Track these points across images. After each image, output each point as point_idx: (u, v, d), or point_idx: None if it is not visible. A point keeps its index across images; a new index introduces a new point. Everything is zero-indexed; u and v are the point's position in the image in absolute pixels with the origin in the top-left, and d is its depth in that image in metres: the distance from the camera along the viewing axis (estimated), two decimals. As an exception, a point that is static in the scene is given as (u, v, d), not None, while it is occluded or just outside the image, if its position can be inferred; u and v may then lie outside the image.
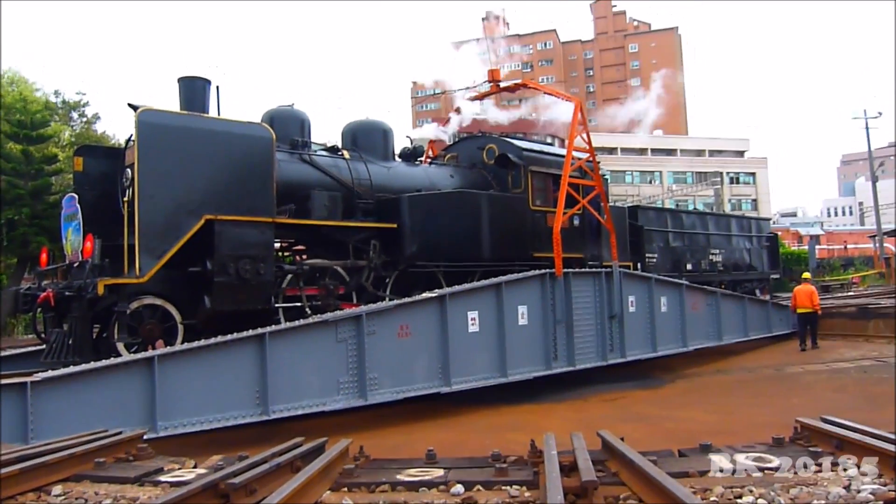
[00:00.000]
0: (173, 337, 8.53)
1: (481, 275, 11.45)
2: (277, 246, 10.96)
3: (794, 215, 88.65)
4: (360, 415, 9.28)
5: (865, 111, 42.65)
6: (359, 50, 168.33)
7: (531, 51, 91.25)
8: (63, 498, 4.07)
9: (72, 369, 7.12)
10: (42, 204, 22.96)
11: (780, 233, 33.32)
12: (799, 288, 16.45)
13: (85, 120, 31.56)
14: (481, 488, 3.94)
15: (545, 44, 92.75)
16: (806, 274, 19.03)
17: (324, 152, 11.04)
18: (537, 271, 11.57)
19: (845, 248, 56.42)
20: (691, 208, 47.40)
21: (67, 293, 8.11)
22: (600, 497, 3.65)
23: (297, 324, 8.67)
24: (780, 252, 23.67)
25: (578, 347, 11.84)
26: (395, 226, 10.63)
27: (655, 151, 68.91)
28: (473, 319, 10.42)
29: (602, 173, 14.20)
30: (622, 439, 4.41)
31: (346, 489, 4.05)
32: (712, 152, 71.68)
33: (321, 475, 4.03)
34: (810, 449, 4.35)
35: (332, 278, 10.24)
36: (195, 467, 4.71)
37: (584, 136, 13.23)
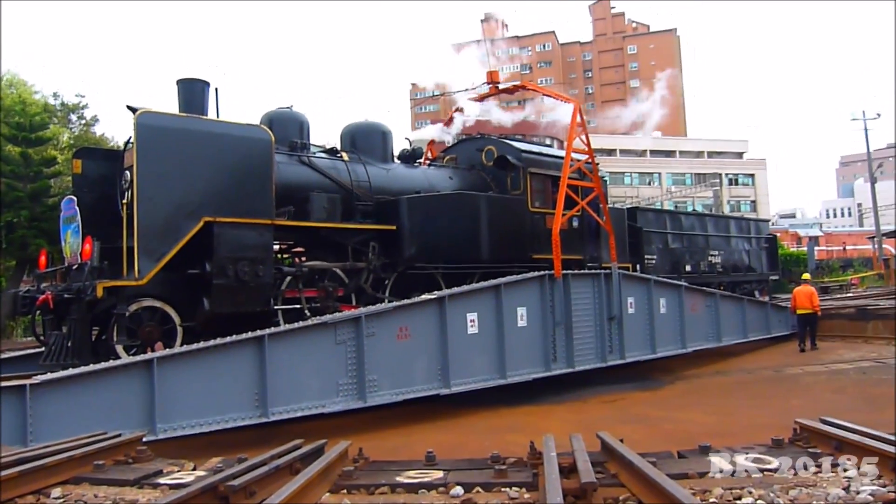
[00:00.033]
0: (172, 339, 8.53)
1: (480, 276, 11.46)
2: (276, 248, 10.96)
3: (793, 216, 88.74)
4: (360, 416, 9.28)
5: (864, 112, 42.79)
6: (358, 51, 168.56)
7: (530, 52, 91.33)
8: (62, 500, 4.06)
9: (71, 372, 7.12)
10: (41, 206, 22.91)
11: (778, 234, 33.40)
12: (799, 289, 16.46)
13: (84, 122, 31.51)
14: (481, 490, 3.95)
15: (544, 45, 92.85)
16: (806, 275, 19.06)
17: (323, 154, 11.04)
18: (536, 273, 11.58)
19: (844, 249, 56.51)
20: (690, 210, 47.46)
21: (66, 295, 8.11)
22: (599, 498, 3.65)
23: (296, 326, 8.67)
24: (778, 253, 23.70)
25: (578, 349, 11.84)
26: (395, 228, 10.64)
27: (654, 153, 68.99)
28: (473, 321, 10.43)
29: (601, 175, 14.21)
30: (621, 441, 4.41)
31: (345, 491, 4.06)
32: (711, 154, 71.77)
33: (320, 477, 4.03)
34: (809, 450, 4.35)
35: (331, 280, 10.25)
36: (194, 469, 4.71)
37: (583, 137, 13.24)
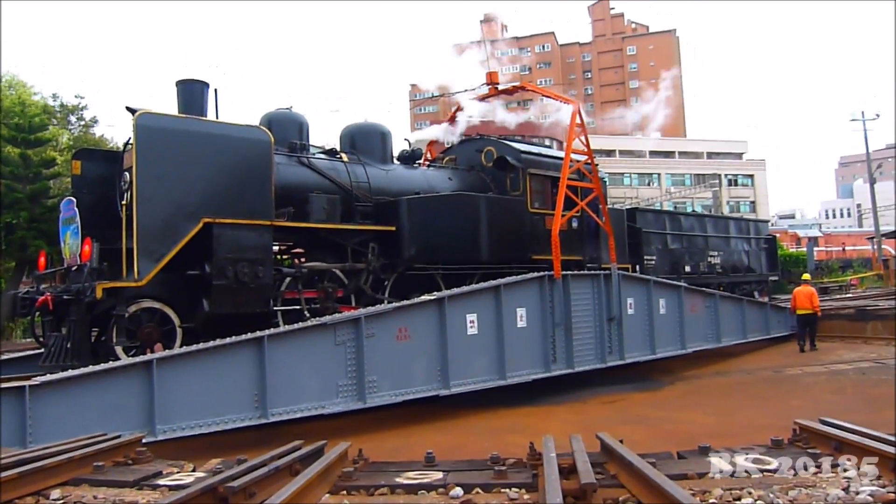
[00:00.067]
0: (172, 340, 8.53)
1: (480, 277, 11.46)
2: (276, 249, 10.96)
3: (793, 217, 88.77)
4: (359, 418, 9.27)
5: (863, 113, 42.81)
6: (357, 52, 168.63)
7: (529, 53, 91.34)
8: (62, 501, 4.06)
9: (70, 373, 7.12)
10: (40, 207, 22.90)
11: (778, 235, 33.39)
12: (799, 289, 16.49)
13: (83, 123, 31.54)
14: (480, 491, 3.95)
15: (543, 46, 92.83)
16: (806, 275, 19.06)
17: (322, 155, 11.05)
18: (536, 273, 11.58)
19: (843, 249, 56.50)
20: (690, 210, 47.49)
21: (66, 297, 8.10)
22: (599, 499, 3.65)
23: (295, 327, 8.67)
24: (778, 254, 23.70)
25: (577, 350, 11.84)
26: (394, 229, 10.64)
27: (654, 154, 69.01)
28: (472, 322, 10.43)
29: (600, 176, 14.21)
30: (621, 441, 4.41)
31: (345, 492, 4.06)
32: (710, 154, 71.79)
33: (320, 478, 4.03)
34: (809, 451, 4.35)
35: (330, 281, 10.25)
36: (194, 471, 4.71)
37: (583, 138, 13.24)
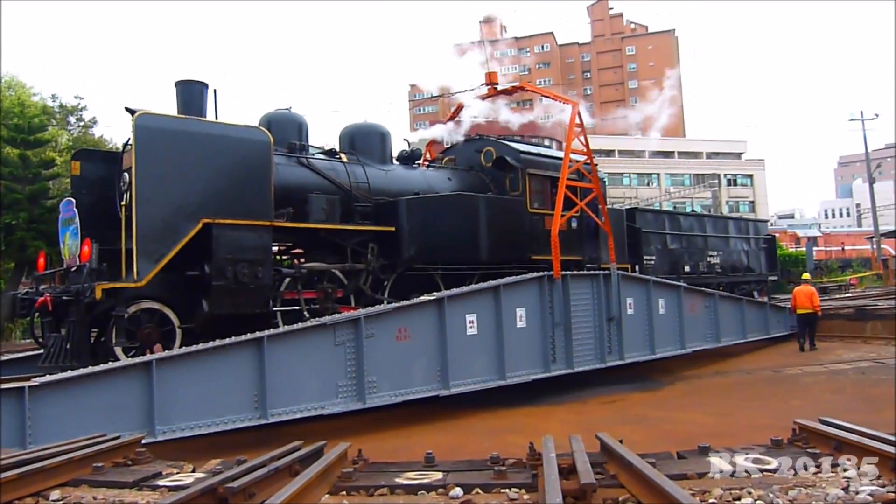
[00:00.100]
0: (171, 341, 8.53)
1: (479, 277, 11.46)
2: (275, 249, 10.96)
3: (792, 217, 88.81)
4: (359, 418, 9.27)
5: (862, 113, 42.81)
6: (356, 52, 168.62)
7: (528, 53, 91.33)
8: (61, 502, 4.05)
9: (70, 374, 7.11)
10: (39, 208, 22.88)
11: (777, 234, 33.42)
12: (799, 289, 16.51)
13: (82, 124, 31.54)
14: (480, 491, 3.95)
15: (542, 46, 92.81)
16: (806, 275, 19.08)
17: (321, 156, 11.05)
18: (535, 274, 11.58)
19: (843, 249, 56.47)
20: (689, 210, 47.49)
21: (65, 297, 8.10)
22: (599, 499, 3.65)
23: (295, 327, 8.67)
24: (777, 254, 23.71)
25: (577, 350, 11.84)
26: (393, 229, 10.63)
27: (653, 154, 69.02)
28: (472, 322, 10.43)
29: (600, 176, 14.22)
30: (621, 441, 4.41)
31: (344, 492, 4.06)
32: (710, 154, 71.81)
33: (320, 479, 4.03)
34: (808, 451, 4.35)
35: (330, 282, 10.24)
36: (193, 471, 4.70)
37: (582, 138, 13.24)
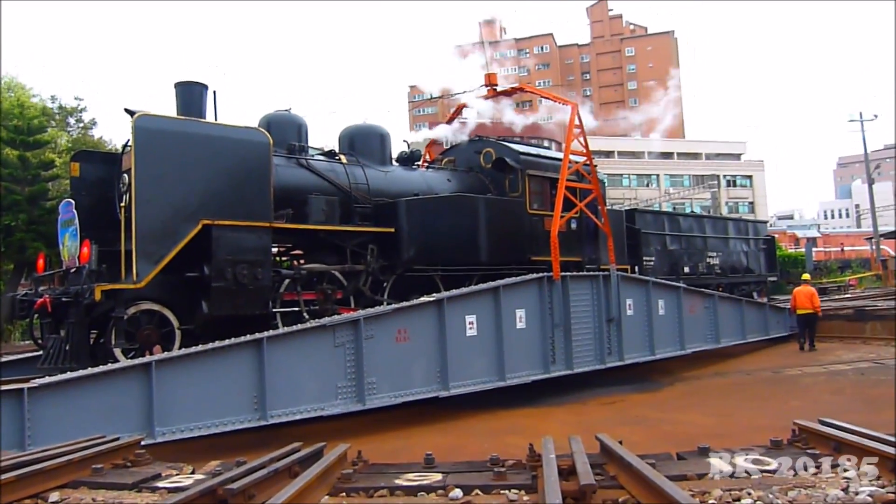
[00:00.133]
0: (171, 342, 8.52)
1: (479, 279, 11.46)
2: (275, 251, 10.95)
3: (791, 218, 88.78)
4: (359, 419, 9.27)
5: (861, 114, 42.79)
6: (356, 53, 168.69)
7: (528, 55, 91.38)
8: (60, 504, 4.05)
9: (69, 375, 7.10)
10: (39, 209, 22.86)
11: (776, 235, 33.44)
12: (799, 289, 16.53)
13: (82, 125, 31.53)
14: (480, 492, 3.94)
15: (542, 48, 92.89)
16: (805, 275, 19.09)
17: (321, 157, 11.05)
18: (535, 275, 11.58)
19: (842, 250, 56.43)
20: (688, 211, 47.51)
21: (64, 299, 8.09)
22: (599, 500, 3.65)
23: (294, 328, 8.67)
24: (776, 255, 23.73)
25: (576, 351, 11.84)
26: (393, 230, 10.64)
27: (652, 155, 69.06)
28: (471, 323, 10.43)
29: (599, 176, 14.22)
30: (620, 442, 4.41)
31: (344, 494, 4.05)
32: (709, 155, 71.85)
33: (319, 480, 4.03)
34: (808, 451, 4.35)
35: (329, 283, 10.24)
36: (193, 473, 4.70)
37: (581, 139, 13.25)
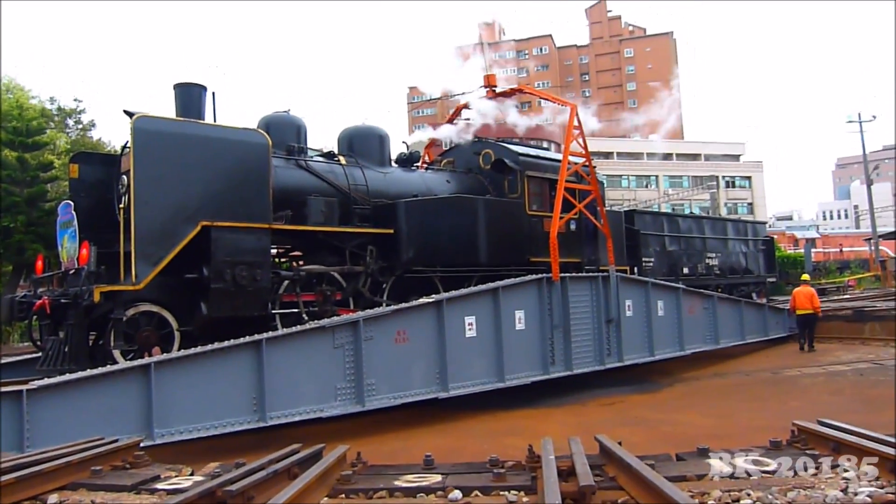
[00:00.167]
0: (170, 344, 8.52)
1: (478, 280, 11.46)
2: (274, 252, 10.95)
3: (790, 219, 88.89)
4: (358, 421, 9.26)
5: (860, 114, 42.84)
6: (355, 55, 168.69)
7: (527, 56, 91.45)
8: (59, 506, 4.04)
9: (68, 377, 7.09)
10: (38, 211, 22.85)
11: (775, 236, 33.46)
12: (798, 290, 16.55)
13: (81, 127, 31.50)
14: (479, 494, 3.94)
15: (541, 49, 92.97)
16: (805, 276, 19.11)
17: (320, 158, 11.05)
18: (534, 276, 11.57)
19: (841, 251, 56.45)
20: (687, 212, 47.54)
21: (63, 300, 8.08)
22: (598, 501, 3.65)
23: (294, 330, 8.66)
24: (776, 255, 23.75)
25: (576, 352, 11.84)
26: (392, 231, 10.64)
27: (651, 156, 69.09)
28: (471, 324, 10.42)
29: (598, 178, 14.22)
30: (620, 443, 4.41)
31: (343, 495, 4.05)
32: (708, 156, 71.88)
33: (319, 482, 4.02)
34: (807, 452, 4.36)
35: (328, 284, 10.24)
36: (192, 475, 4.69)
37: (580, 140, 13.26)
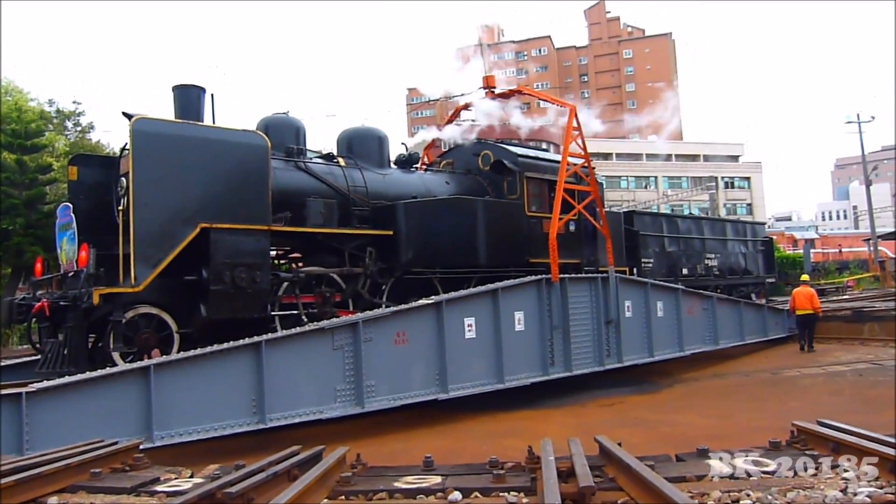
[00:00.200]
0: (169, 346, 8.51)
1: (477, 281, 11.46)
2: (273, 254, 10.95)
3: (789, 219, 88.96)
4: (358, 422, 9.26)
5: (859, 115, 42.87)
6: (354, 56, 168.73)
7: (525, 57, 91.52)
8: (59, 509, 4.04)
9: (67, 379, 7.08)
10: (36, 213, 22.83)
11: (774, 237, 33.47)
12: (798, 290, 16.56)
13: (79, 129, 31.50)
14: (479, 495, 3.94)
15: (540, 50, 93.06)
16: (804, 276, 19.12)
17: (319, 160, 11.05)
18: (533, 277, 11.57)
19: (840, 251, 56.54)
20: (686, 213, 47.56)
21: (62, 303, 8.07)
22: (598, 502, 3.65)
23: (293, 331, 8.66)
24: (775, 256, 23.76)
25: (575, 353, 11.84)
26: (392, 233, 10.64)
27: (650, 156, 69.11)
28: (470, 326, 10.42)
29: (597, 179, 14.23)
30: (619, 444, 4.41)
31: (343, 497, 4.05)
32: (707, 157, 71.91)
33: (318, 483, 4.02)
34: (807, 452, 4.36)
35: (328, 286, 10.24)
36: (192, 477, 4.69)
37: (580, 141, 13.26)
